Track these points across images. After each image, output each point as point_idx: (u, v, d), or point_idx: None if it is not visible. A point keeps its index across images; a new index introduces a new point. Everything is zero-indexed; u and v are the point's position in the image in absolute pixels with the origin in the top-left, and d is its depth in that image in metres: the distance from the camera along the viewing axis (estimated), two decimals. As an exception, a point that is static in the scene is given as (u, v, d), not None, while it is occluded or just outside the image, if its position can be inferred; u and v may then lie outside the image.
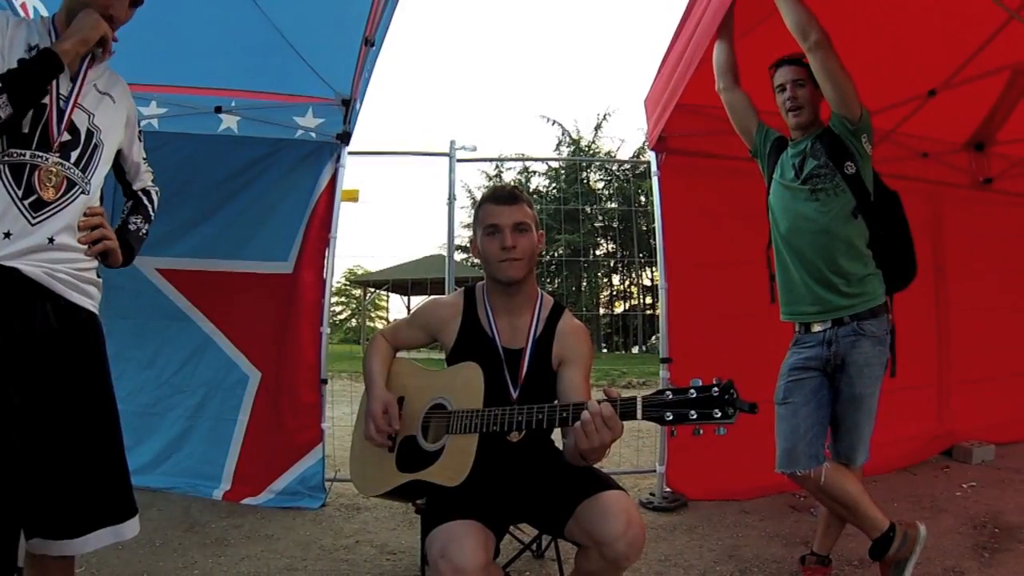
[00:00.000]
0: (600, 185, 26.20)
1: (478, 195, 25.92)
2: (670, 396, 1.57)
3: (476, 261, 2.32)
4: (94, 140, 1.82)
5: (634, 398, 1.62)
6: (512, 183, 24.64)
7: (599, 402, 1.64)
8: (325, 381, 3.99)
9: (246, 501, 3.85)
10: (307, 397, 3.92)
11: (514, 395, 2.07)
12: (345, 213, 4.28)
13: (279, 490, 3.88)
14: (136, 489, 3.74)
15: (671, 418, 1.55)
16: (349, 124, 4.09)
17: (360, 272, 27.28)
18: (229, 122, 4.15)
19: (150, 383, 4.11)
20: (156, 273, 4.12)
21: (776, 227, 2.68)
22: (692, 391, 1.55)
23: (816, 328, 2.54)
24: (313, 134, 4.13)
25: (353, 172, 4.52)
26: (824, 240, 2.49)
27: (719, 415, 1.51)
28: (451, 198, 4.63)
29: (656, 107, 4.00)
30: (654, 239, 4.16)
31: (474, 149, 4.71)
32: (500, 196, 2.11)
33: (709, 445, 3.52)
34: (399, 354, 2.35)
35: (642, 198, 16.03)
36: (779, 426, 2.55)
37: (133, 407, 4.05)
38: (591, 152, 26.30)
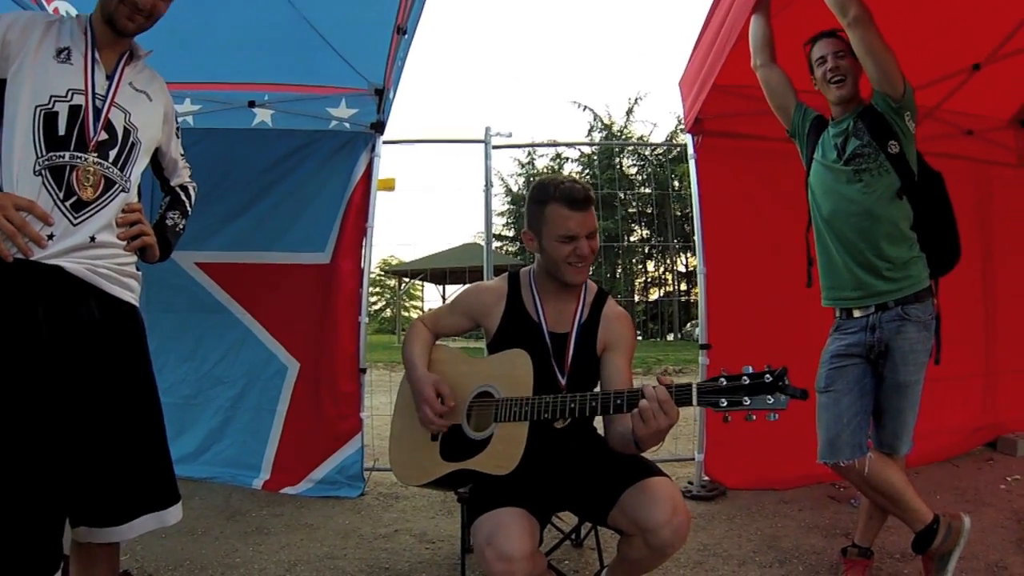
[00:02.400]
0: (633, 170, 25.76)
1: (511, 183, 25.84)
2: (724, 383, 1.55)
3: (513, 249, 2.30)
4: (131, 138, 1.83)
5: (689, 385, 1.60)
6: (544, 171, 24.57)
7: (654, 387, 1.62)
8: (364, 370, 4.02)
9: (285, 490, 3.90)
10: (346, 386, 3.95)
11: (562, 382, 2.05)
12: (381, 202, 4.31)
13: (318, 479, 3.93)
14: (178, 479, 3.92)
15: (725, 404, 1.53)
16: (383, 113, 4.09)
17: (395, 262, 27.47)
18: (263, 116, 4.20)
19: (191, 375, 4.19)
20: (195, 267, 4.18)
21: (817, 209, 2.59)
22: (745, 378, 1.53)
23: (858, 313, 2.45)
24: (347, 124, 4.14)
25: (388, 161, 4.56)
26: (867, 223, 2.40)
27: (771, 401, 1.49)
28: (488, 184, 4.62)
29: (692, 88, 3.91)
30: (688, 224, 4.16)
31: (509, 135, 4.71)
32: (576, 199, 1.98)
33: (748, 434, 3.54)
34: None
35: (676, 183, 15.81)
36: (821, 415, 2.47)
37: (174, 399, 4.14)
38: (623, 137, 26.03)
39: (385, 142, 4.22)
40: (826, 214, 2.54)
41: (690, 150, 4.10)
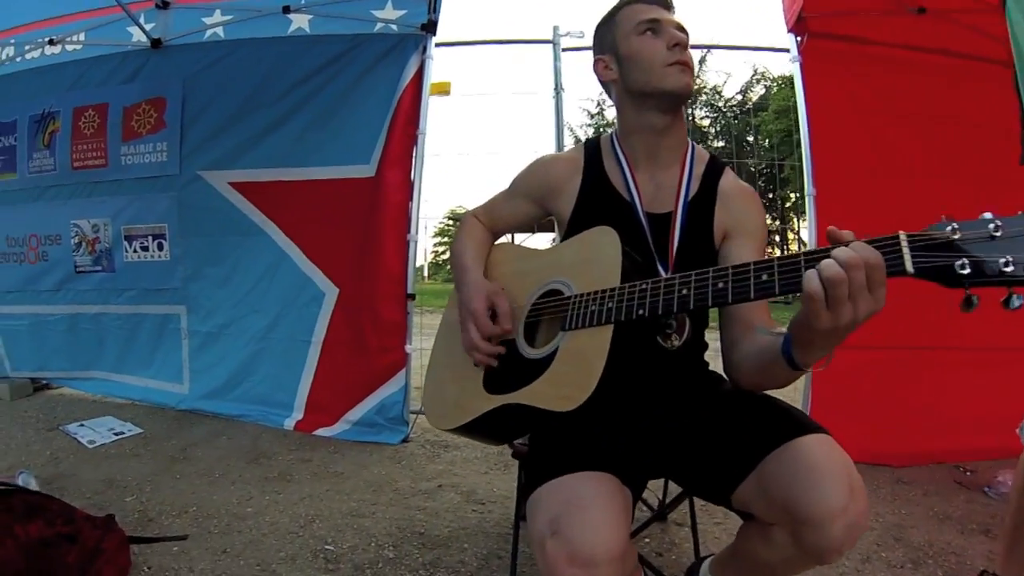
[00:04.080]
0: (706, 123, 24.59)
1: (580, 135, 24.76)
2: (956, 231, 0.83)
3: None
4: None
5: (894, 237, 0.87)
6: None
7: (850, 243, 0.88)
8: (412, 296, 3.45)
9: (319, 432, 3.42)
10: (390, 314, 3.41)
11: (666, 273, 1.42)
12: (436, 109, 3.78)
13: (355, 420, 3.42)
14: (208, 416, 3.51)
15: (967, 271, 0.82)
16: (434, 12, 3.55)
17: (461, 211, 26.77)
18: (300, 22, 3.76)
19: (225, 302, 3.82)
20: (229, 187, 3.82)
21: None
22: (992, 224, 0.81)
23: None
24: (394, 27, 3.60)
25: (442, 65, 3.97)
26: None
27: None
28: (558, 89, 3.96)
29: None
30: (760, 180, 3.42)
31: (581, 35, 3.97)
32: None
33: (859, 395, 2.92)
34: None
35: (749, 138, 14.83)
36: None
37: (210, 327, 3.84)
38: (697, 89, 24.75)
39: (438, 44, 3.66)
40: None
41: (794, 52, 3.38)
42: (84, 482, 2.68)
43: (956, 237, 0.83)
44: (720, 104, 23.50)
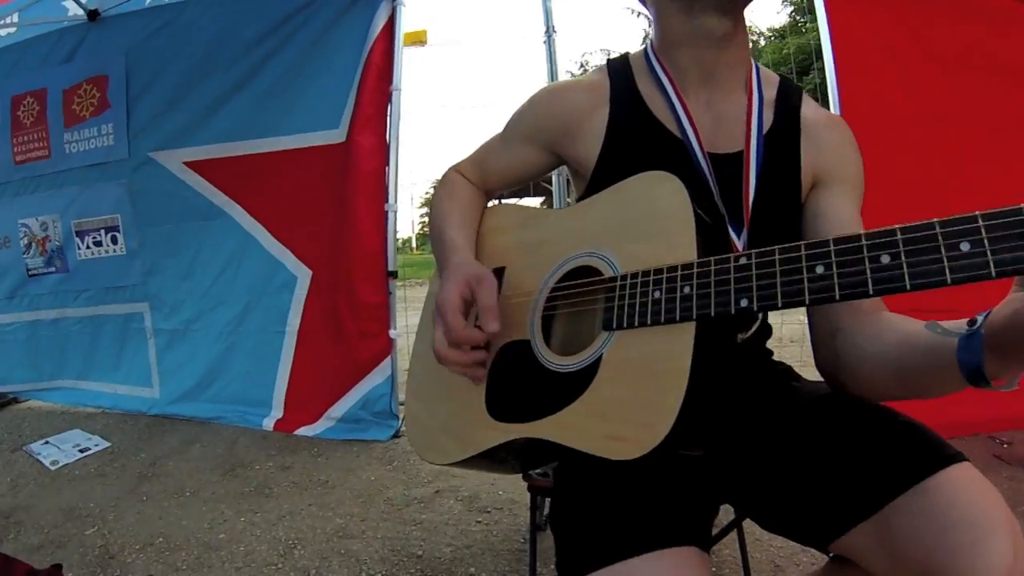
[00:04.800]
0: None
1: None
2: None
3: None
4: None
5: None
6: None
7: None
8: (394, 274, 3.05)
9: (300, 431, 3.07)
10: (370, 296, 3.02)
11: (738, 242, 1.01)
12: (411, 60, 3.34)
13: (339, 417, 3.07)
14: (181, 421, 3.16)
15: None
16: (403, -48, 3.09)
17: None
18: None
19: (190, 296, 3.45)
20: (184, 168, 3.43)
21: None
22: None
23: None
24: (359, -29, 3.15)
25: (416, 12, 3.55)
26: None
27: None
28: (549, 32, 3.51)
29: None
30: None
31: (569, -33, 3.50)
32: None
33: None
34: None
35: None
36: None
37: (175, 324, 3.47)
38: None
39: (410, -12, 3.24)
40: None
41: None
42: (43, 513, 2.36)
43: None
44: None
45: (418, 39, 3.63)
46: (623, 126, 1.07)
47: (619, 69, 1.12)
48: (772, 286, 0.72)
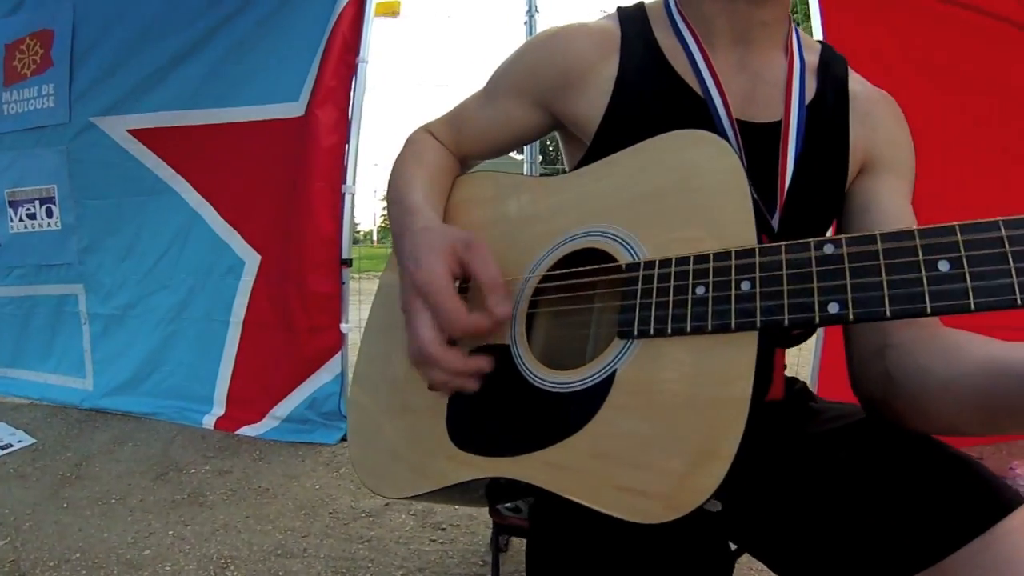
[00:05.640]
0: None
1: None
2: None
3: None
4: None
5: None
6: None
7: None
8: (348, 263, 2.78)
9: (243, 431, 2.81)
10: (321, 286, 2.75)
11: (772, 220, 0.82)
12: (382, 33, 3.14)
13: (283, 416, 2.80)
14: (116, 416, 2.90)
15: None
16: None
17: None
18: None
19: (130, 278, 3.14)
20: (128, 136, 3.11)
21: None
22: None
23: None
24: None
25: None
26: None
27: None
28: (531, 11, 3.26)
29: None
30: None
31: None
32: None
33: None
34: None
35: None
36: None
37: (111, 309, 3.17)
38: None
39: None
40: None
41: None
42: (-48, 522, 2.10)
43: None
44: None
45: (391, 10, 3.37)
46: (636, 79, 0.85)
47: (633, 16, 0.91)
48: (875, 287, 0.52)
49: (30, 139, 3.30)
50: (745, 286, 0.57)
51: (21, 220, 3.34)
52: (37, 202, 3.29)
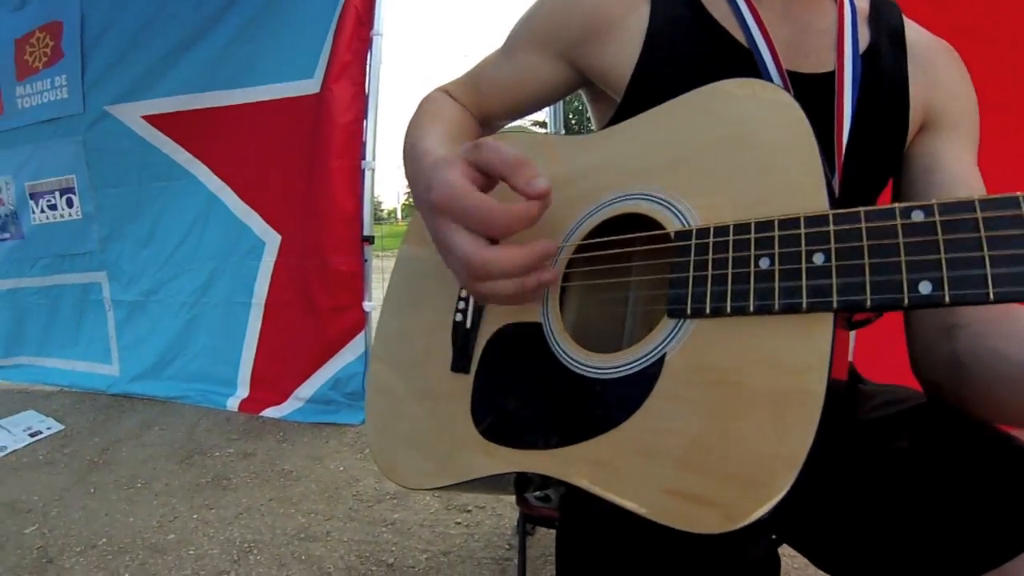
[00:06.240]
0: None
1: None
2: None
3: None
4: None
5: None
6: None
7: None
8: (370, 240, 2.72)
9: (267, 412, 2.79)
10: (343, 264, 2.70)
11: (832, 181, 0.63)
12: (402, 4, 2.99)
13: (307, 397, 2.78)
14: (142, 401, 2.89)
15: None
16: None
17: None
18: None
19: (151, 264, 3.14)
20: (143, 123, 3.09)
21: None
22: None
23: None
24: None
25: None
26: None
27: None
28: None
29: None
30: None
31: None
32: None
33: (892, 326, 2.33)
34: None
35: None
36: None
37: (134, 295, 3.16)
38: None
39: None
40: None
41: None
42: (-17, 508, 2.13)
43: None
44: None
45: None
46: (671, 27, 0.76)
47: None
48: (976, 263, 0.43)
49: (46, 131, 3.30)
50: (818, 259, 0.49)
51: (43, 212, 3.35)
52: (57, 193, 3.29)
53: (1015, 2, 2.45)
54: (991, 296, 0.41)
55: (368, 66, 2.76)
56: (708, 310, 0.53)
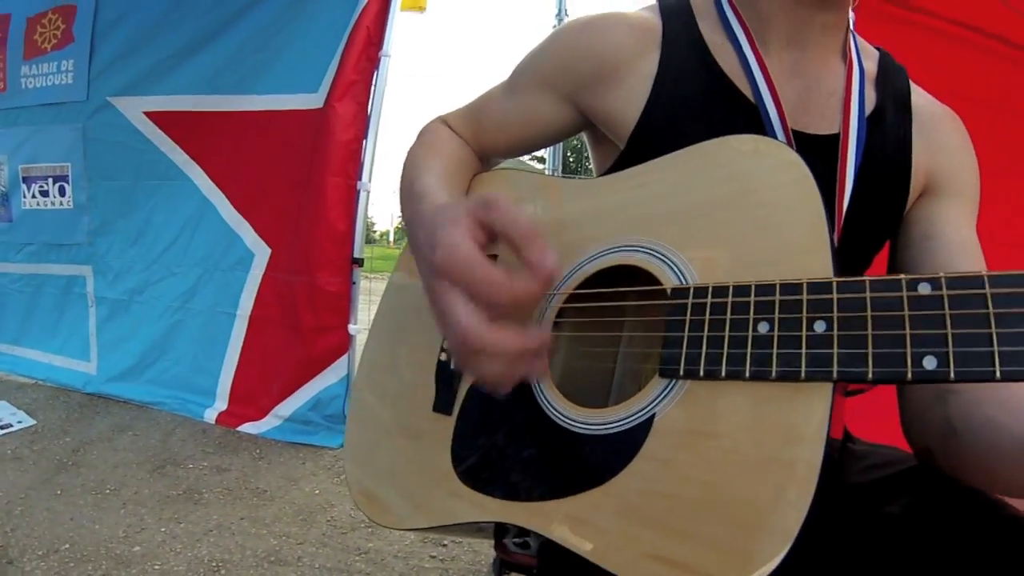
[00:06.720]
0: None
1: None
2: None
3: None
4: None
5: None
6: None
7: None
8: (359, 262, 2.71)
9: (244, 427, 2.75)
10: (330, 284, 2.68)
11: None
12: (408, 27, 3.01)
13: (286, 415, 2.74)
14: (117, 403, 2.84)
15: None
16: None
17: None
18: None
19: (138, 262, 3.11)
20: (144, 118, 3.07)
21: None
22: None
23: None
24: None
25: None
26: None
27: None
28: (561, 15, 3.15)
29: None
30: None
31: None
32: None
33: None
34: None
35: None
36: None
37: (119, 294, 3.13)
38: None
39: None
40: None
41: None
42: (-57, 503, 2.08)
43: None
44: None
45: (417, 4, 3.29)
46: (678, 77, 0.77)
47: (675, 9, 0.82)
48: (983, 340, 0.42)
49: (47, 115, 3.27)
50: (820, 327, 0.48)
51: (34, 197, 3.32)
52: (50, 179, 3.26)
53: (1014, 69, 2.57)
54: (998, 374, 0.41)
55: (373, 86, 2.76)
56: (702, 372, 0.52)
